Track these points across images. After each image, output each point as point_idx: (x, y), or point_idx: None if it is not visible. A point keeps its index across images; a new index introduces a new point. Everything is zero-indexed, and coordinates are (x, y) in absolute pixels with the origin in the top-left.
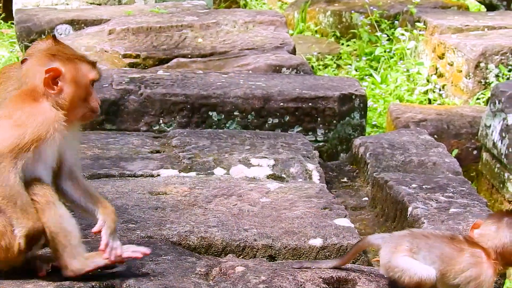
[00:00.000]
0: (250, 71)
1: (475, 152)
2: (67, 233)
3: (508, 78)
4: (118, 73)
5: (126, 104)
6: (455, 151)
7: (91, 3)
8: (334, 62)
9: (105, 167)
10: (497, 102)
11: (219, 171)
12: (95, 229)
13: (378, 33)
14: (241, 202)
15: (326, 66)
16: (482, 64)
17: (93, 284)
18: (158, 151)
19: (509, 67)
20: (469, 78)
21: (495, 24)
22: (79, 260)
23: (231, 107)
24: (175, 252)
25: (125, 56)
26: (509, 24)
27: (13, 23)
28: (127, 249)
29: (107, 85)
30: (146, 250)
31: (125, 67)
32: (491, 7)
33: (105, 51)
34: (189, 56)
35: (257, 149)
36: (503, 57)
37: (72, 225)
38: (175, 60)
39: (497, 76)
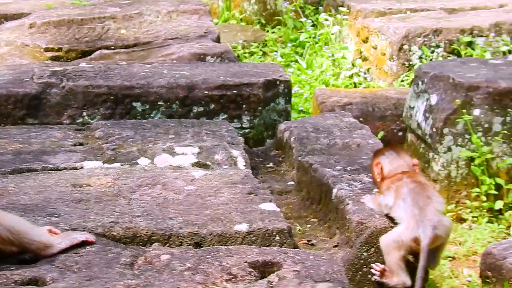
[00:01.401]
0: (174, 61)
1: (400, 133)
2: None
3: (431, 59)
4: (40, 67)
5: (48, 97)
6: (381, 133)
7: None
8: (260, 50)
9: (27, 162)
10: (420, 83)
11: (143, 161)
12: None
13: (303, 19)
14: (166, 191)
15: (252, 53)
16: (405, 47)
17: (17, 279)
18: (81, 144)
19: (432, 49)
20: (393, 61)
21: (418, 6)
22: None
23: (155, 97)
24: (100, 244)
25: (46, 49)
26: (431, 6)
27: None
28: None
29: (28, 79)
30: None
31: (47, 60)
32: None
33: (26, 45)
34: (112, 47)
35: (182, 137)
36: (425, 39)
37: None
38: (98, 52)
39: (420, 58)
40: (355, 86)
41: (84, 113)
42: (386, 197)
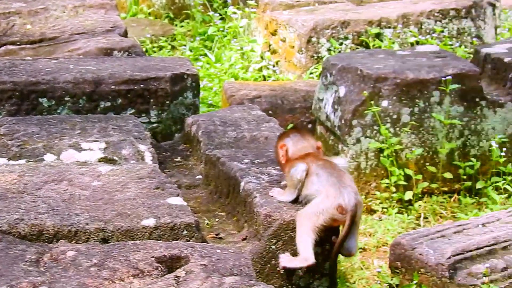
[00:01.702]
0: (81, 56)
1: (310, 125)
2: None
3: (339, 51)
4: None
5: None
6: (290, 126)
7: None
8: (169, 44)
9: None
10: (328, 75)
11: (49, 157)
12: None
13: (211, 13)
14: (72, 187)
15: (160, 48)
16: (313, 39)
17: None
18: None
19: (340, 41)
20: (302, 53)
21: None
22: None
23: (62, 92)
24: (5, 241)
25: None
26: None
27: None
28: None
29: None
30: None
31: None
32: None
33: None
34: (18, 43)
35: (88, 133)
36: (333, 31)
37: None
38: (3, 48)
39: (328, 50)
40: (264, 79)
41: None
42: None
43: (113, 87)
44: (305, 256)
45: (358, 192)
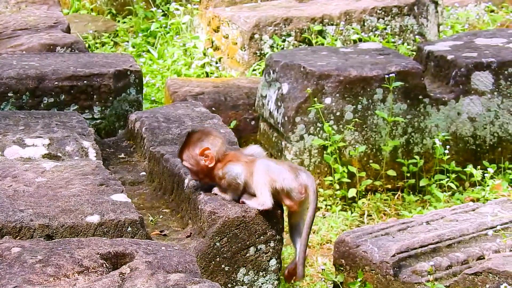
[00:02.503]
0: (24, 52)
1: (253, 122)
2: None
3: (282, 48)
4: None
5: None
6: (234, 122)
7: None
8: (111, 40)
9: None
10: (271, 72)
11: None
12: None
13: (154, 9)
14: (16, 183)
15: (103, 44)
16: (256, 36)
17: None
18: None
19: (283, 38)
20: (245, 50)
21: None
22: None
23: (5, 88)
24: None
25: None
26: None
27: None
28: None
29: None
30: None
31: None
32: None
33: None
34: None
35: (32, 129)
36: (276, 28)
37: None
38: None
39: (271, 47)
40: (207, 76)
41: None
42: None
43: (56, 83)
44: (263, 200)
45: None
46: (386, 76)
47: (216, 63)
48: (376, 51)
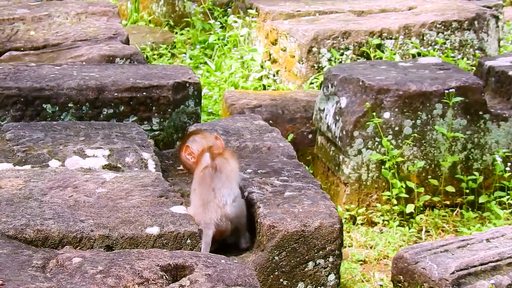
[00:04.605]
0: (84, 62)
1: (310, 136)
2: None
3: (340, 62)
4: None
5: None
6: (291, 136)
7: None
8: (169, 51)
9: None
10: (329, 85)
11: (54, 163)
12: None
13: (211, 21)
14: (77, 193)
15: (161, 55)
16: (314, 49)
17: None
18: None
19: (341, 51)
20: (302, 63)
21: (326, 9)
22: None
23: (65, 98)
24: (11, 246)
25: None
26: (339, 9)
27: None
28: None
29: None
30: None
31: None
32: None
33: None
34: (22, 49)
35: (92, 139)
36: (334, 41)
37: None
38: (7, 54)
39: (329, 60)
40: (264, 88)
41: None
42: None
43: (116, 94)
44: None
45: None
46: (446, 91)
47: (274, 76)
48: (436, 65)
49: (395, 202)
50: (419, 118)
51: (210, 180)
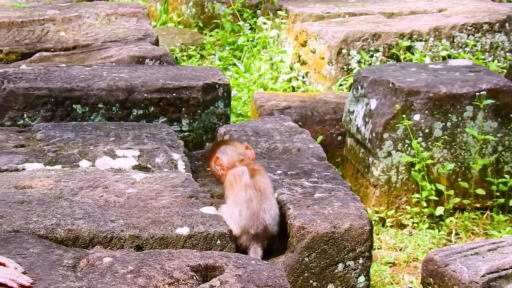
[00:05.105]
0: (113, 63)
1: (339, 137)
2: None
3: (369, 64)
4: None
5: None
6: (320, 137)
7: None
8: (198, 53)
9: None
10: (359, 87)
11: (84, 163)
12: None
13: (241, 23)
14: (107, 194)
15: (190, 56)
16: (344, 51)
17: None
18: (22, 145)
19: (371, 53)
20: (332, 65)
21: (356, 10)
22: None
23: (95, 99)
24: (42, 245)
25: None
26: (369, 10)
27: None
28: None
29: None
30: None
31: None
32: None
33: None
34: (52, 50)
35: (122, 140)
36: (364, 43)
37: None
38: (38, 54)
39: (359, 62)
40: (294, 90)
41: (25, 115)
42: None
43: (145, 95)
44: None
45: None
46: (477, 93)
47: (303, 77)
48: (466, 68)
49: (424, 204)
50: (449, 120)
51: (257, 204)
